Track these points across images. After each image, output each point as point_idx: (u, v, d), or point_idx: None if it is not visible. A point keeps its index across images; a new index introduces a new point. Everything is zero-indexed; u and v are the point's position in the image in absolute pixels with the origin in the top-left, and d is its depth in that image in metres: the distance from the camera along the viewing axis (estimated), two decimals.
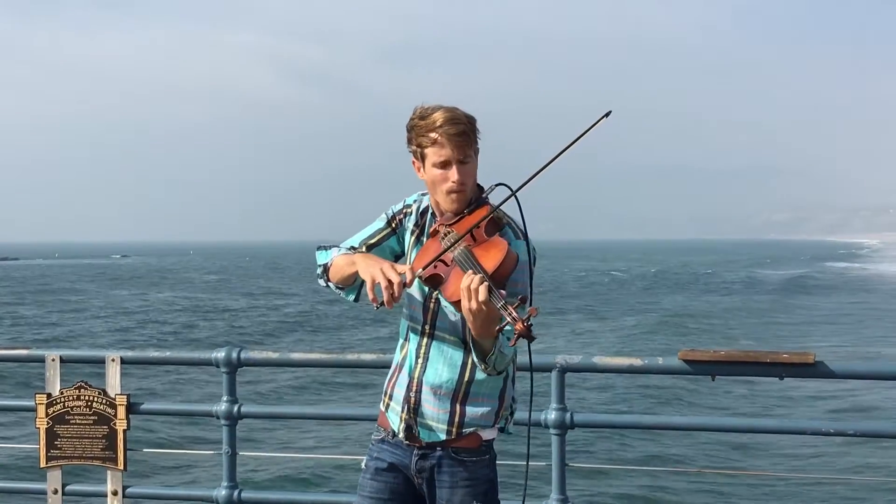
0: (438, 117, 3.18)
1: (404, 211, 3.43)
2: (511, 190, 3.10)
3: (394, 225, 3.43)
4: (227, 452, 5.14)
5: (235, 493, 5.13)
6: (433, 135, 3.18)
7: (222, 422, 5.12)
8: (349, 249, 3.41)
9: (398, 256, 3.46)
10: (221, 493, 5.13)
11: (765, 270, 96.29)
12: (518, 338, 2.87)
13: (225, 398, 5.10)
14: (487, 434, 3.32)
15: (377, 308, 3.07)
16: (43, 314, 44.69)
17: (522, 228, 3.24)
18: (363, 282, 3.19)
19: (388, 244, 3.43)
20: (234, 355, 5.05)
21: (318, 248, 3.45)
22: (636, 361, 4.80)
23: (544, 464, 4.76)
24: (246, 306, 49.31)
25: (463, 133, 3.18)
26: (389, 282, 3.04)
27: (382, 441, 3.41)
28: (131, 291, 63.63)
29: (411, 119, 3.25)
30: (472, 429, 3.28)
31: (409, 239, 3.40)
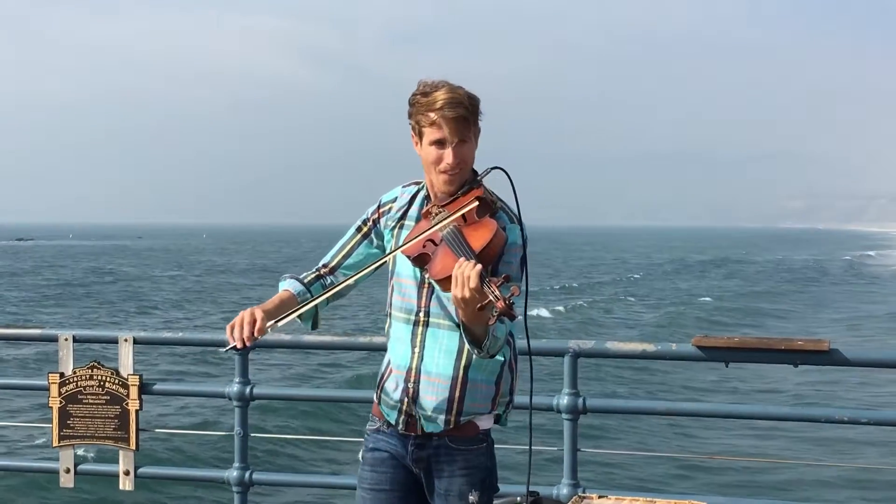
0: (439, 97, 3.13)
1: (379, 211, 3.39)
2: (505, 172, 3.11)
3: (365, 230, 3.41)
4: (239, 434, 5.14)
5: (247, 474, 5.12)
6: (432, 115, 3.13)
7: (234, 403, 5.11)
8: (319, 269, 3.42)
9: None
10: (233, 474, 5.12)
11: (867, 262, 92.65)
12: (499, 316, 2.84)
13: (237, 380, 5.09)
14: (484, 423, 3.28)
15: (226, 350, 3.22)
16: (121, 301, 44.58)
17: (516, 213, 3.22)
18: (314, 311, 3.32)
19: (361, 251, 3.42)
20: None
21: (281, 278, 3.44)
22: (649, 347, 4.78)
23: (556, 449, 4.75)
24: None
25: (462, 118, 3.13)
26: (243, 322, 3.10)
27: (378, 431, 3.37)
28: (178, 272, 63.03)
29: (414, 94, 3.20)
30: (469, 417, 3.24)
31: (388, 236, 3.36)
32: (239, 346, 3.10)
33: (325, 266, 3.44)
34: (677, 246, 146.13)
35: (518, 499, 3.73)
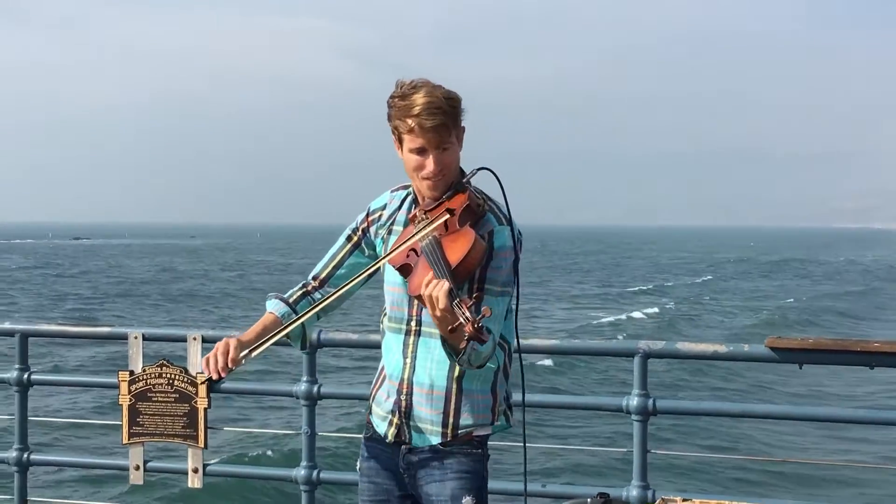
0: (417, 102, 2.98)
1: (368, 220, 3.28)
2: (493, 172, 3.01)
3: (355, 239, 3.30)
4: (307, 432, 5.13)
5: (315, 473, 5.11)
6: (410, 121, 3.00)
7: (302, 402, 5.10)
8: (306, 285, 3.33)
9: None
10: (301, 472, 5.11)
11: None
12: (468, 340, 2.72)
13: (305, 378, 5.08)
14: (479, 429, 3.15)
15: (202, 383, 3.15)
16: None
17: (506, 213, 3.09)
18: (301, 330, 3.24)
19: (351, 261, 3.31)
20: (314, 336, 5.03)
21: (267, 298, 3.38)
22: (720, 348, 4.69)
23: (626, 450, 4.69)
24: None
25: (441, 125, 2.99)
26: (217, 353, 3.09)
27: (371, 439, 3.29)
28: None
29: (392, 95, 3.06)
30: (468, 429, 3.12)
31: (380, 244, 3.25)
32: (214, 377, 3.07)
33: (314, 279, 3.34)
34: (741, 245, 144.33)
35: (588, 500, 3.68)
